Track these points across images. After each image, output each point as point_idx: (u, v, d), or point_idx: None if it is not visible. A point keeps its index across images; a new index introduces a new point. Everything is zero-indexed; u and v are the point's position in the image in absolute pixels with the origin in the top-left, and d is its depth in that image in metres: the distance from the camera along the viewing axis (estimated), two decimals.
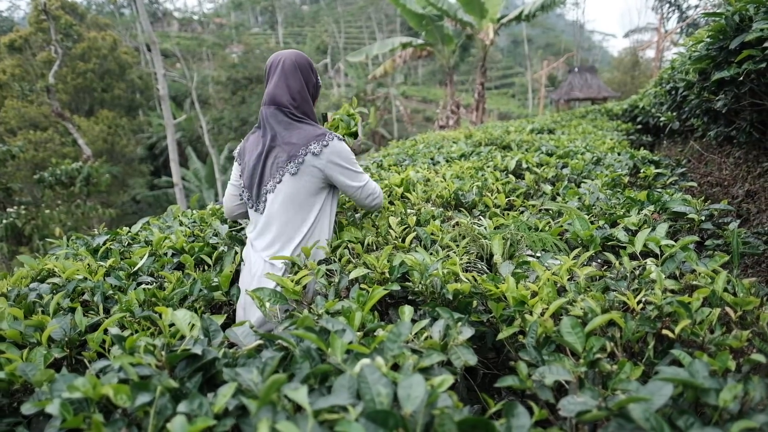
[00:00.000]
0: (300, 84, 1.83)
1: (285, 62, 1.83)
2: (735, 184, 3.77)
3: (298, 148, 1.75)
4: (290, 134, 1.78)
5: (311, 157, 1.74)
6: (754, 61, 2.55)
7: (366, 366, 0.81)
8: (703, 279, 1.30)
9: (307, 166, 1.75)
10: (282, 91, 1.81)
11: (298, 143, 1.75)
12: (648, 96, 6.80)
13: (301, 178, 1.76)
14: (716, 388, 0.84)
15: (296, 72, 1.83)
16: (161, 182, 26.79)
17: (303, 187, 1.77)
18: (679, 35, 25.43)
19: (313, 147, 1.73)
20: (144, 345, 0.96)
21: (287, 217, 1.78)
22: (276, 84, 1.83)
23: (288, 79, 1.82)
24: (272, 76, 1.85)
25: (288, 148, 1.76)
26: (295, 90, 1.82)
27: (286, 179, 1.77)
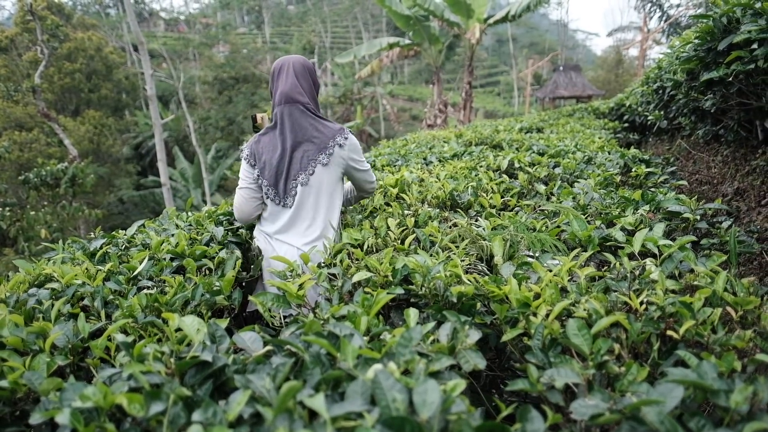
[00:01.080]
0: (309, 85, 2.00)
1: (295, 65, 1.98)
2: (724, 182, 3.83)
3: (327, 140, 1.94)
4: (316, 128, 1.96)
5: (338, 149, 1.95)
6: (742, 62, 2.59)
7: (380, 372, 0.81)
8: (702, 279, 1.32)
9: (336, 157, 1.96)
10: (298, 90, 1.96)
11: (327, 136, 1.94)
12: (635, 95, 6.88)
13: (331, 168, 1.96)
14: (726, 389, 0.85)
15: (305, 74, 1.99)
16: (148, 182, 26.54)
17: (332, 176, 1.98)
18: (662, 34, 25.72)
19: (339, 139, 1.95)
20: (152, 352, 0.95)
21: (323, 205, 1.98)
22: (291, 84, 1.96)
23: (300, 80, 1.97)
24: (281, 77, 1.98)
25: (318, 141, 1.94)
26: (308, 90, 1.98)
27: (318, 170, 1.95)
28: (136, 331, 1.24)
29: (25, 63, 19.92)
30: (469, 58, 14.92)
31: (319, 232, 1.98)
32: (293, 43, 44.66)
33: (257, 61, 41.04)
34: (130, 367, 0.87)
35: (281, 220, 2.00)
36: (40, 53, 14.91)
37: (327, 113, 32.44)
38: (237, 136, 30.39)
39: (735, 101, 3.12)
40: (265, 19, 47.66)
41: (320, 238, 1.96)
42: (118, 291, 1.53)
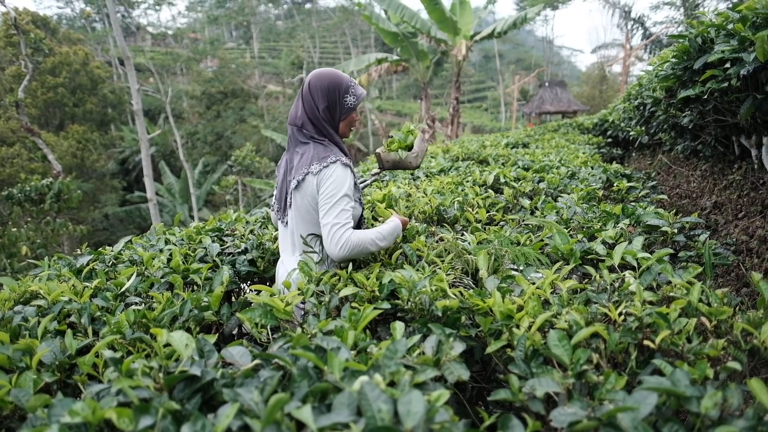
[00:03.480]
0: (311, 106, 1.86)
1: (309, 82, 1.88)
2: (702, 195, 3.92)
3: (302, 165, 1.81)
4: (298, 153, 1.87)
5: (311, 177, 1.79)
6: (716, 81, 2.68)
7: (366, 383, 0.84)
8: (679, 290, 1.36)
9: (307, 183, 1.80)
10: (298, 112, 1.88)
11: (303, 162, 1.82)
12: (617, 111, 7.02)
13: (304, 196, 1.82)
14: (697, 395, 0.89)
15: (315, 92, 1.86)
16: (134, 198, 26.35)
17: (307, 203, 1.82)
18: (644, 51, 26.27)
19: (314, 167, 1.78)
20: (141, 367, 0.97)
21: (301, 230, 1.87)
22: (295, 104, 1.92)
23: (305, 100, 1.87)
24: (297, 95, 1.92)
25: (297, 165, 1.84)
26: (309, 111, 1.86)
27: (294, 195, 1.85)
28: (124, 347, 1.25)
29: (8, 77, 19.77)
30: (456, 74, 15.11)
31: (298, 255, 1.88)
32: (282, 58, 44.89)
33: (246, 76, 41.17)
34: (119, 383, 0.89)
35: (281, 239, 1.98)
36: (23, 67, 14.81)
37: None
38: (225, 151, 30.36)
39: (711, 118, 3.21)
40: (254, 35, 47.94)
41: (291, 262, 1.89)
42: (105, 307, 1.53)
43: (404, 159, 2.26)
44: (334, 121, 1.90)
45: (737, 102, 2.82)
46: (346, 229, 1.72)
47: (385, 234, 1.81)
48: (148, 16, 55.99)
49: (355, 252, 1.72)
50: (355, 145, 32.02)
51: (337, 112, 1.89)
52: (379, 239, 1.78)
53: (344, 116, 1.91)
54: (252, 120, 33.60)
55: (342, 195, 1.76)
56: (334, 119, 1.90)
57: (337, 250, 1.69)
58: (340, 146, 1.90)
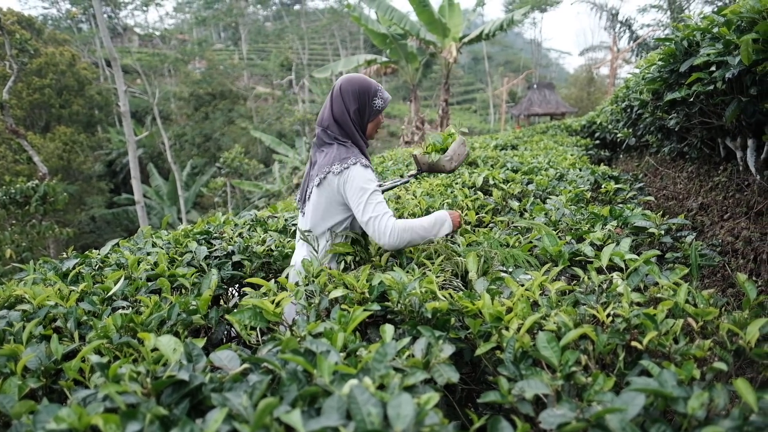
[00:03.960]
0: (341, 108, 1.97)
1: (337, 87, 2.00)
2: (689, 197, 3.96)
3: (325, 165, 1.93)
4: (322, 153, 1.99)
5: (332, 176, 1.91)
6: (702, 84, 2.71)
7: (355, 387, 0.83)
8: (666, 291, 1.37)
9: (328, 182, 1.92)
10: (326, 114, 2.01)
11: (326, 162, 1.93)
12: (605, 113, 7.08)
13: (323, 192, 1.95)
14: (684, 396, 0.89)
15: (339, 97, 1.98)
16: (121, 200, 26.12)
17: (325, 200, 1.95)
18: (631, 54, 26.52)
19: (336, 167, 1.89)
20: (128, 372, 0.96)
21: (314, 224, 1.99)
22: (323, 107, 2.04)
23: (333, 103, 1.99)
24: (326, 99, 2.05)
25: (321, 163, 1.96)
26: (337, 113, 1.97)
27: (314, 190, 1.98)
28: (111, 351, 1.24)
29: None
30: (445, 75, 15.16)
31: (307, 248, 2.00)
32: (271, 59, 44.77)
33: (234, 77, 41.00)
34: (106, 388, 0.88)
35: (298, 228, 2.10)
36: (8, 68, 14.64)
37: (304, 130, 32.45)
38: (213, 153, 30.21)
39: (697, 120, 3.25)
40: (242, 36, 47.76)
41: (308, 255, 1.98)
42: (92, 312, 1.52)
43: (437, 162, 2.31)
44: (363, 123, 2.02)
45: (722, 105, 2.86)
46: (389, 217, 1.84)
47: (427, 225, 1.88)
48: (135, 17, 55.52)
49: (405, 238, 1.82)
50: None
51: (366, 113, 2.01)
52: (423, 228, 1.87)
53: (372, 118, 2.04)
54: (241, 122, 33.46)
55: (372, 190, 1.87)
56: (363, 121, 2.02)
57: (387, 239, 1.80)
58: (362, 149, 2.02)
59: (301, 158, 24.11)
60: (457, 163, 2.34)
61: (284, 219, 2.71)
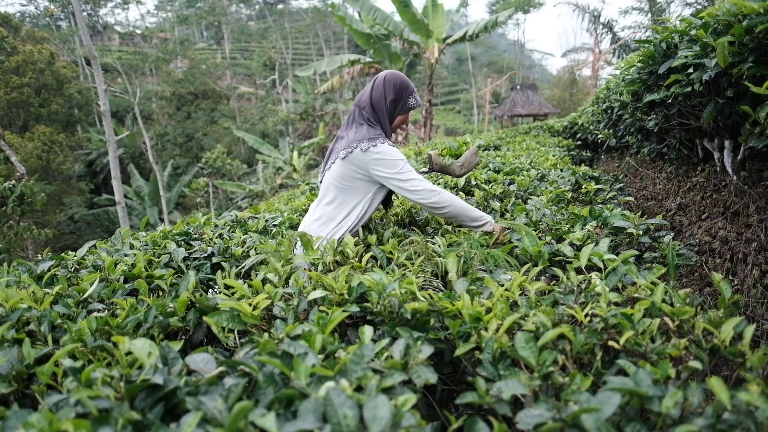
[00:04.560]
0: (380, 95, 2.20)
1: (383, 77, 2.23)
2: (668, 197, 4.01)
3: (352, 141, 2.12)
4: (352, 129, 2.20)
5: (359, 152, 2.10)
6: (680, 85, 2.75)
7: (331, 389, 0.83)
8: (643, 291, 1.39)
9: (354, 157, 2.11)
10: (365, 96, 2.23)
11: (354, 138, 2.13)
12: (586, 114, 7.15)
13: (347, 166, 2.13)
14: (659, 395, 0.90)
15: (387, 85, 2.20)
16: (101, 200, 25.75)
17: (346, 174, 2.15)
18: (613, 55, 26.88)
19: (363, 145, 2.10)
20: (101, 376, 0.94)
21: (331, 196, 2.21)
22: (364, 90, 2.27)
23: (374, 89, 2.21)
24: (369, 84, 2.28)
25: (347, 138, 2.16)
26: (375, 98, 2.20)
27: (337, 162, 2.16)
28: (86, 355, 1.21)
29: None
30: (428, 76, 15.21)
31: (317, 215, 2.21)
32: (254, 59, 44.47)
33: (217, 76, 40.64)
34: (78, 393, 0.86)
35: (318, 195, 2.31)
36: None
37: (288, 130, 32.30)
38: (196, 153, 29.93)
39: (676, 121, 3.30)
40: (225, 35, 47.35)
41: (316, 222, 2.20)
42: (66, 315, 1.49)
43: (449, 165, 2.47)
44: (393, 114, 2.25)
45: (700, 106, 2.90)
46: (425, 181, 2.10)
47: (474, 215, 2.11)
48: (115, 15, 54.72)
49: (445, 200, 2.07)
50: (328, 146, 31.86)
51: (399, 106, 2.24)
52: (467, 208, 2.10)
53: (402, 112, 2.26)
54: (223, 121, 33.19)
55: (402, 161, 2.10)
56: (394, 112, 2.24)
57: (430, 195, 2.07)
58: (387, 133, 2.23)
59: (284, 158, 23.99)
60: (467, 170, 2.49)
61: (264, 220, 2.68)
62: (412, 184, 2.08)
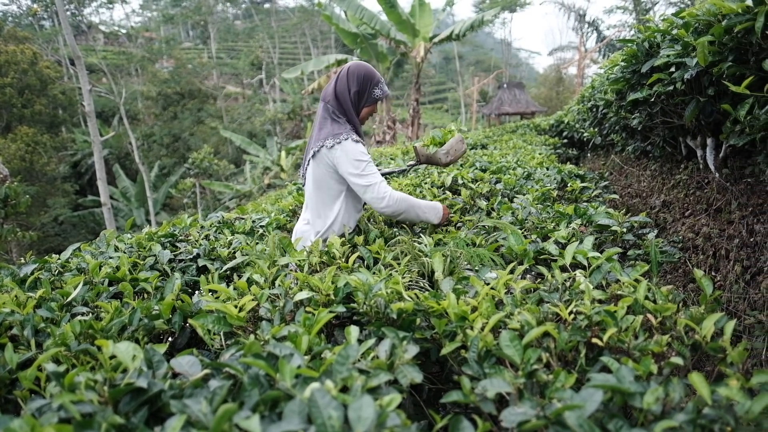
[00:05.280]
0: (344, 87, 2.17)
1: (345, 67, 2.21)
2: (652, 195, 4.06)
3: (319, 140, 2.13)
4: (319, 126, 2.18)
5: (325, 150, 2.11)
6: (662, 84, 2.78)
7: (316, 390, 0.83)
8: (626, 288, 1.40)
9: (322, 155, 2.12)
10: (329, 90, 2.20)
11: (320, 135, 2.14)
12: (572, 112, 7.20)
13: (319, 165, 2.15)
14: (641, 391, 0.91)
15: (345, 77, 2.17)
16: (87, 202, 25.45)
17: (322, 173, 2.15)
18: (598, 54, 27.11)
19: (329, 142, 2.09)
20: (84, 380, 0.93)
21: (316, 196, 2.20)
22: (328, 84, 2.24)
23: (338, 81, 2.19)
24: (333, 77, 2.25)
25: (315, 137, 2.18)
26: (339, 91, 2.17)
27: (311, 163, 2.18)
28: (69, 360, 1.20)
29: None
30: (416, 75, 15.22)
31: (308, 217, 2.25)
32: (241, 58, 44.23)
33: (203, 76, 40.35)
34: (60, 398, 0.85)
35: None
36: None
37: (276, 129, 32.16)
38: (183, 153, 29.69)
39: (659, 120, 3.33)
40: (211, 35, 47.04)
41: (310, 223, 2.24)
42: (50, 318, 1.47)
43: (434, 155, 2.47)
44: (359, 105, 2.22)
45: (682, 104, 2.94)
46: (385, 185, 2.09)
47: (424, 206, 2.16)
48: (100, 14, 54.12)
49: (401, 207, 2.09)
50: None
51: (364, 98, 2.20)
52: (418, 206, 2.14)
53: (368, 104, 2.23)
54: (210, 121, 32.97)
55: (366, 161, 2.09)
56: (359, 104, 2.21)
57: (385, 203, 2.07)
58: (356, 127, 2.20)
59: (272, 158, 23.89)
60: (453, 158, 2.49)
61: (252, 221, 2.67)
62: (368, 186, 2.07)
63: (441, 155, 2.46)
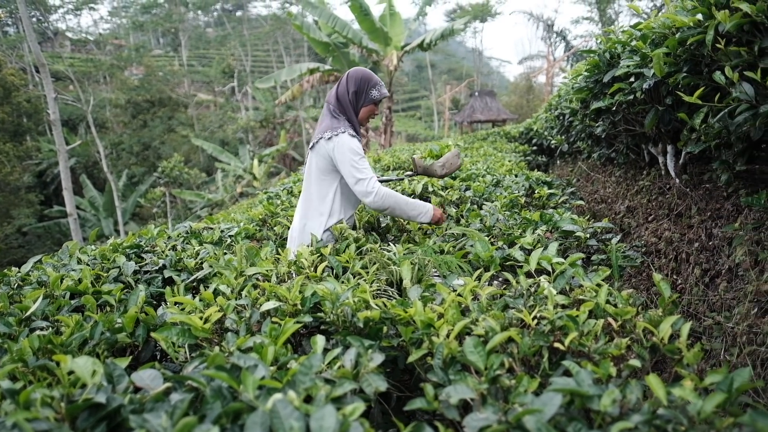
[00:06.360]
0: (343, 89, 2.37)
1: (347, 73, 2.40)
2: (617, 200, 4.16)
3: (319, 132, 2.33)
4: (321, 122, 2.39)
5: (324, 141, 2.29)
6: (623, 93, 2.86)
7: (278, 401, 0.83)
8: (589, 293, 1.43)
9: (320, 147, 2.30)
10: (332, 93, 2.41)
11: (320, 130, 2.33)
12: (540, 120, 7.34)
13: (317, 156, 2.33)
14: (599, 394, 0.94)
15: (350, 81, 2.36)
16: (53, 212, 24.77)
17: (319, 164, 2.33)
18: (566, 63, 27.71)
19: (327, 134, 2.28)
20: (41, 397, 0.91)
21: (313, 188, 2.37)
22: (332, 88, 2.44)
23: (340, 86, 2.39)
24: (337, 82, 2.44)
25: (317, 131, 2.35)
26: (340, 93, 2.37)
27: (310, 155, 2.39)
28: (26, 376, 1.17)
29: None
30: (388, 83, 15.29)
31: (303, 210, 2.40)
32: (213, 66, 43.73)
33: (174, 84, 39.78)
34: (14, 415, 0.83)
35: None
36: None
37: (248, 137, 31.88)
38: (153, 162, 29.17)
39: (622, 128, 3.43)
40: (183, 42, 46.39)
41: (305, 217, 2.37)
42: (7, 334, 1.43)
43: (430, 167, 2.59)
44: (357, 105, 2.38)
45: (643, 113, 3.03)
46: (375, 180, 2.22)
47: (415, 204, 2.28)
48: (67, 21, 52.83)
49: (388, 203, 2.21)
50: (290, 154, 31.67)
51: (362, 99, 2.37)
52: (406, 203, 2.26)
53: (366, 104, 2.38)
54: (181, 129, 32.48)
55: (360, 156, 2.26)
56: (358, 103, 2.38)
57: (373, 198, 2.19)
58: (354, 124, 2.38)
59: (244, 166, 23.67)
60: (448, 171, 2.60)
61: (220, 230, 2.65)
62: (360, 179, 2.21)
63: (437, 167, 2.58)
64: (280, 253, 1.99)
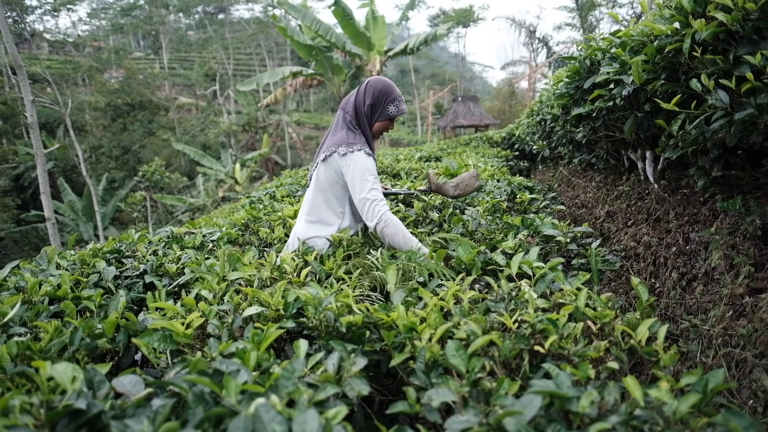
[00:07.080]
0: (361, 99, 2.25)
1: (366, 81, 2.30)
2: (597, 205, 4.22)
3: (332, 145, 2.21)
4: (334, 133, 2.27)
5: (337, 156, 2.18)
6: (603, 100, 2.91)
7: (260, 405, 0.83)
8: (568, 297, 1.46)
9: (333, 160, 2.19)
10: (349, 101, 2.29)
11: (334, 142, 2.21)
12: (522, 125, 7.42)
13: (327, 168, 2.22)
14: (578, 396, 0.95)
15: (363, 89, 2.26)
16: (30, 217, 24.27)
17: (329, 176, 2.22)
18: (548, 68, 28.07)
19: (342, 149, 2.17)
20: (19, 404, 0.90)
21: (318, 198, 2.26)
22: (350, 94, 2.32)
23: (357, 95, 2.27)
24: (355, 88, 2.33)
25: (328, 142, 2.26)
26: (358, 102, 2.26)
27: (319, 165, 2.25)
28: (4, 383, 1.15)
29: None
30: None
31: (304, 220, 2.29)
32: (194, 69, 43.40)
33: (155, 86, 39.38)
34: None
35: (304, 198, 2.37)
36: None
37: (230, 141, 31.66)
38: (133, 166, 28.80)
39: (602, 134, 3.49)
40: (163, 45, 45.95)
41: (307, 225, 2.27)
42: None
43: (443, 185, 2.51)
44: (372, 119, 2.27)
45: (622, 119, 3.08)
46: (384, 205, 2.11)
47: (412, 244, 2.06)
48: (44, 22, 51.86)
49: (389, 229, 2.07)
50: (273, 158, 31.52)
51: (378, 113, 2.26)
52: (407, 242, 2.07)
53: (381, 119, 2.29)
54: (162, 133, 32.13)
55: (372, 176, 2.15)
56: (373, 117, 2.27)
57: (376, 222, 2.08)
58: (368, 139, 2.26)
59: (226, 171, 23.49)
60: (461, 192, 2.48)
61: (202, 235, 2.63)
62: (368, 201, 2.10)
63: (449, 187, 2.49)
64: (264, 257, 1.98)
